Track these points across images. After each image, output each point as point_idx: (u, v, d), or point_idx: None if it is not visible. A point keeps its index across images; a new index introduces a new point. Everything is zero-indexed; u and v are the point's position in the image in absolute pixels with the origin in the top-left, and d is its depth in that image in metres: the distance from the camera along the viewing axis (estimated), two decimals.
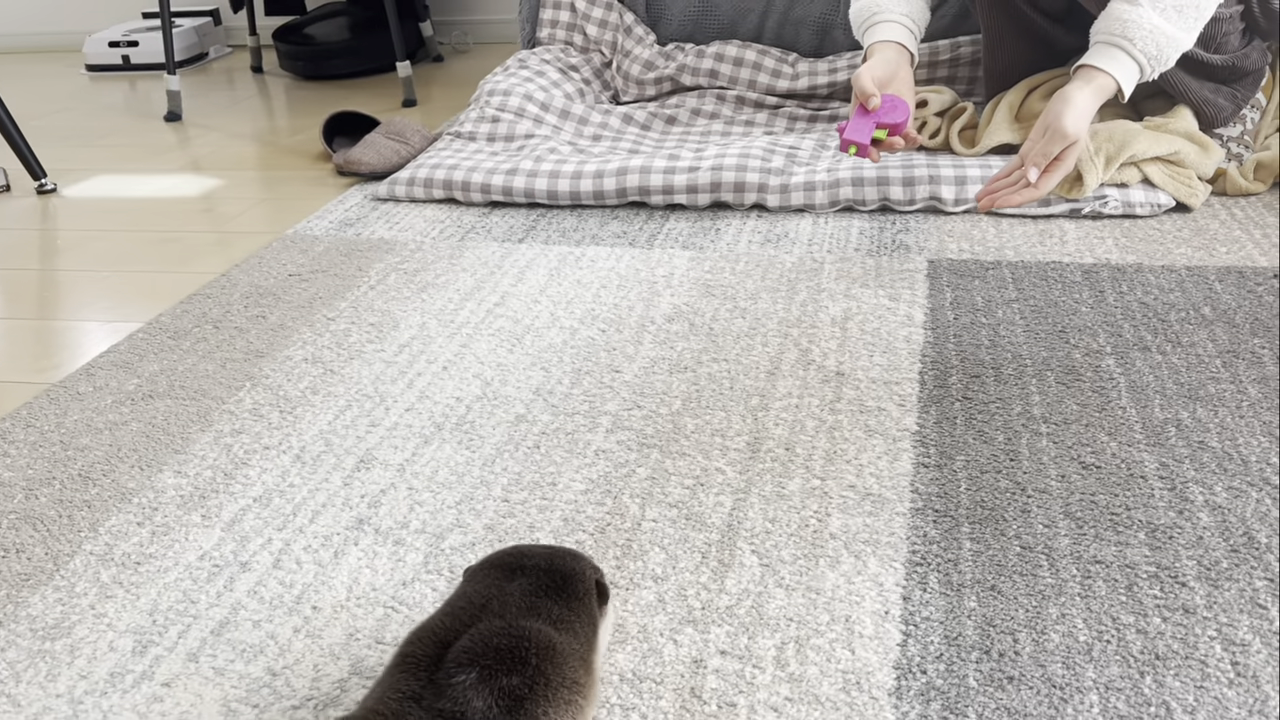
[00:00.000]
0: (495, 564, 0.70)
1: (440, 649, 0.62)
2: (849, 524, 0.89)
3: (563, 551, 0.72)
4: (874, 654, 0.75)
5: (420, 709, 0.59)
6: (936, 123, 1.72)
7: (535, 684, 0.60)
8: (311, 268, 1.51)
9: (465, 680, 0.59)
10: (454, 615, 0.65)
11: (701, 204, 1.67)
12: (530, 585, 0.68)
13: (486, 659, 0.60)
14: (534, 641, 0.62)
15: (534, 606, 0.66)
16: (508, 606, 0.65)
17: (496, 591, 0.67)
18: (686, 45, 2.12)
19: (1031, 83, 1.68)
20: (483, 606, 0.65)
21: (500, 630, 0.62)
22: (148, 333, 1.33)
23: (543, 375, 1.18)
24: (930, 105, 1.72)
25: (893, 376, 1.13)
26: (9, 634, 0.82)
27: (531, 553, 0.71)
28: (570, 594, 0.68)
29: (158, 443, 1.08)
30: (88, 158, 2.23)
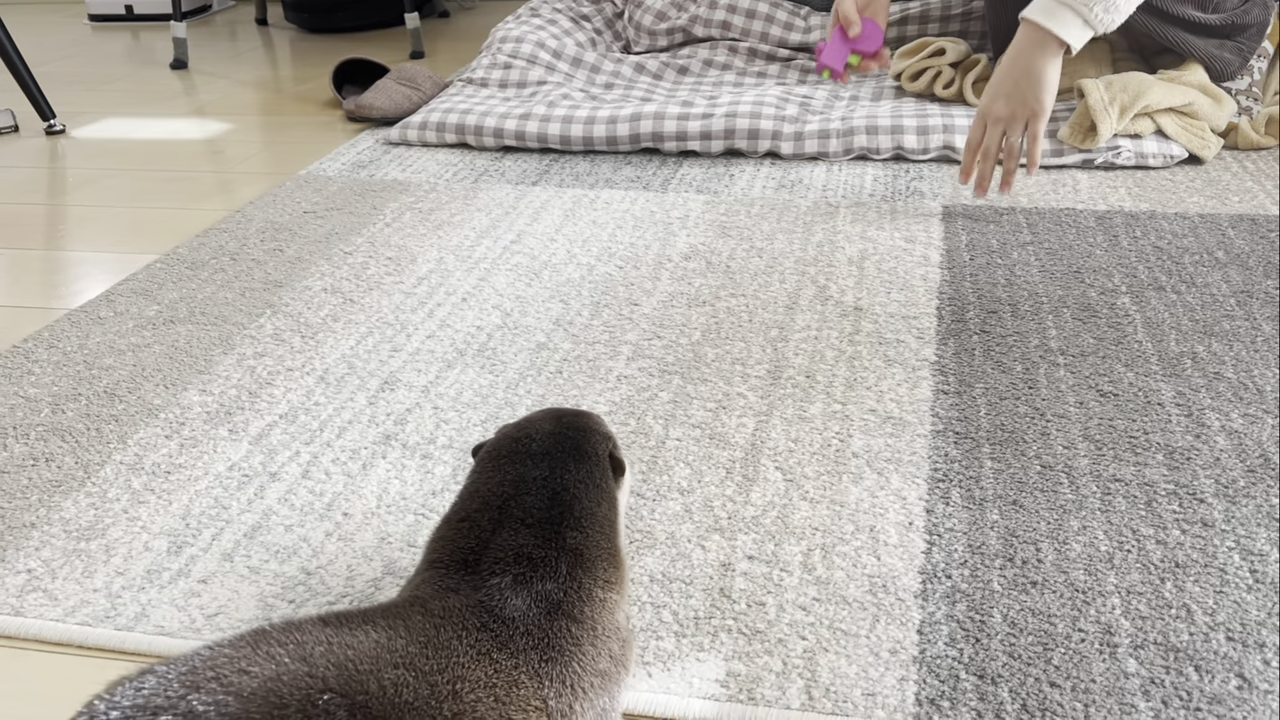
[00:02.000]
0: (506, 454, 0.68)
1: (468, 554, 0.62)
2: (870, 444, 0.91)
3: (571, 427, 0.70)
4: (899, 560, 0.77)
5: (460, 598, 0.60)
6: (950, 73, 1.72)
7: (569, 588, 0.61)
8: (326, 206, 1.51)
9: (502, 582, 0.60)
10: (474, 521, 0.64)
11: (715, 151, 1.67)
12: (547, 475, 0.66)
13: (520, 567, 0.61)
14: (562, 549, 0.62)
15: (555, 502, 0.65)
16: (529, 509, 0.64)
17: (513, 490, 0.65)
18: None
19: None
20: (501, 508, 0.64)
21: (529, 541, 0.63)
22: (165, 264, 1.33)
23: (562, 307, 1.18)
24: (946, 55, 1.72)
25: (910, 311, 1.14)
26: (43, 535, 0.82)
27: (539, 434, 0.69)
28: (587, 478, 0.67)
29: (181, 364, 1.08)
30: (95, 101, 2.22)
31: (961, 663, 0.67)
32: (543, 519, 0.63)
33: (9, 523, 0.84)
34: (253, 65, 2.52)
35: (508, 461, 0.67)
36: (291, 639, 0.52)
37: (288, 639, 0.52)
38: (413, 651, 0.53)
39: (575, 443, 0.69)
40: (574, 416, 0.72)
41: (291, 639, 0.52)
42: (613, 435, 0.72)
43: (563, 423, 0.71)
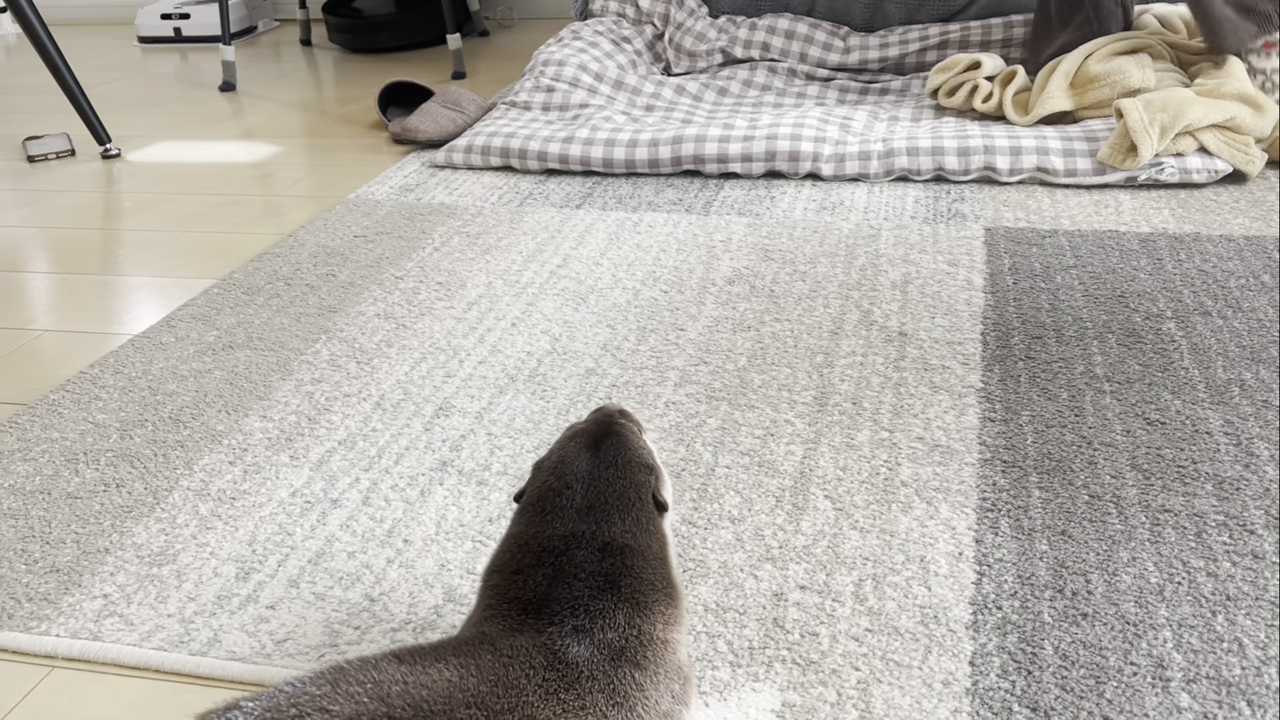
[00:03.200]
0: (551, 508, 0.67)
1: (526, 605, 0.62)
2: (919, 472, 0.92)
3: (610, 464, 0.68)
4: (950, 591, 0.78)
5: (526, 638, 0.60)
6: (988, 87, 1.73)
7: (629, 635, 0.61)
8: (376, 230, 1.55)
9: (563, 630, 0.60)
10: (529, 575, 0.64)
11: (756, 173, 1.69)
12: (595, 530, 0.65)
13: (579, 618, 0.61)
14: (619, 598, 0.63)
15: (606, 554, 0.64)
16: (581, 564, 0.64)
17: (563, 545, 0.65)
18: (738, 18, 2.13)
19: (1086, 50, 1.69)
20: (555, 565, 0.63)
21: (584, 594, 0.62)
22: (222, 289, 1.37)
23: (609, 332, 1.21)
24: (982, 68, 1.73)
25: (955, 337, 1.15)
26: (117, 560, 0.86)
27: (579, 478, 0.67)
28: (634, 525, 0.66)
29: (241, 389, 1.11)
30: (147, 125, 2.27)
31: (1014, 695, 0.69)
32: (595, 571, 0.63)
33: (84, 547, 0.87)
34: (297, 86, 2.57)
35: (553, 517, 0.66)
36: (369, 677, 0.54)
37: (365, 677, 0.54)
38: (484, 691, 0.54)
39: (618, 488, 0.67)
40: (611, 445, 0.69)
41: (369, 677, 0.54)
42: (653, 461, 0.70)
43: (601, 458, 0.68)
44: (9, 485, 0.96)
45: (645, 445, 0.71)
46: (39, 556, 0.86)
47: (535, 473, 0.70)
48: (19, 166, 2.00)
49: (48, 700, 0.73)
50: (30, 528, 0.90)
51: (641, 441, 0.71)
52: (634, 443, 0.70)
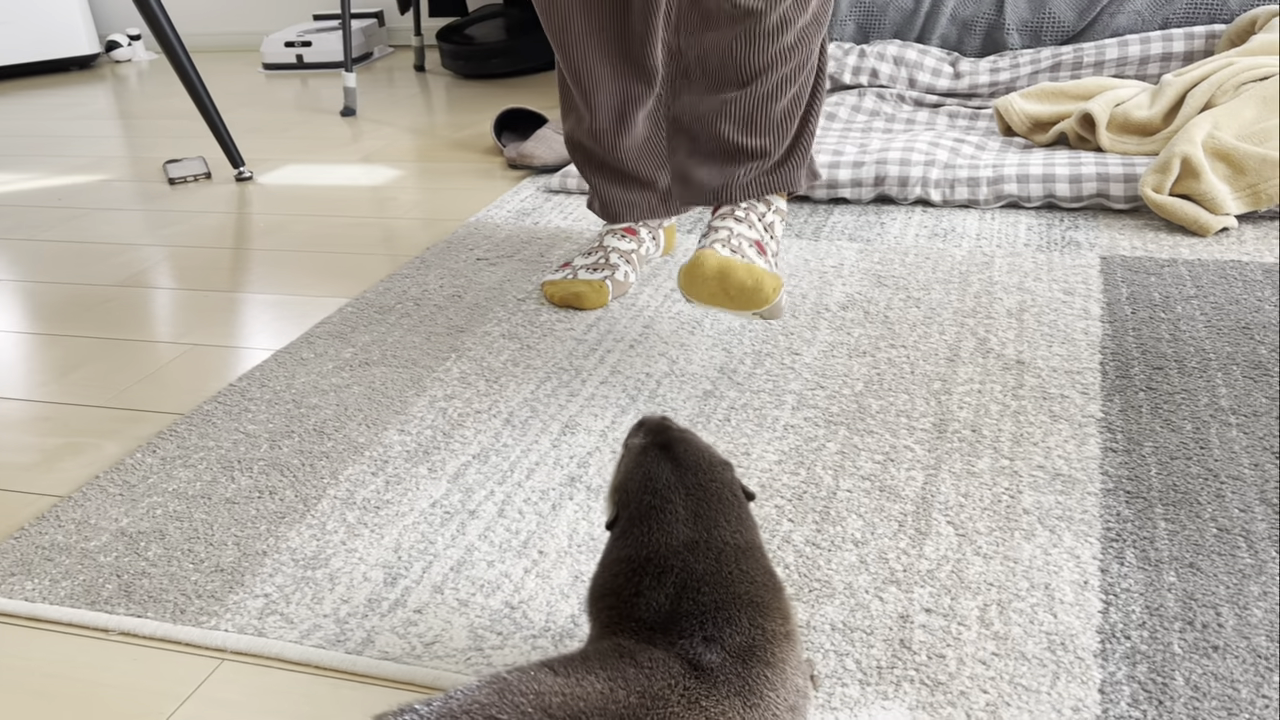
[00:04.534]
0: (656, 525, 0.68)
1: (654, 625, 0.64)
2: (1041, 500, 0.93)
3: (692, 468, 0.69)
4: (1076, 619, 0.79)
5: (661, 651, 0.63)
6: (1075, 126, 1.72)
7: (756, 636, 0.64)
8: (497, 253, 1.61)
9: (694, 641, 0.63)
10: (649, 597, 0.65)
11: (865, 198, 1.71)
12: (706, 538, 0.67)
13: (707, 628, 0.63)
14: (740, 603, 0.65)
15: (721, 561, 0.66)
16: (701, 576, 0.66)
17: (679, 561, 0.66)
18: (847, 44, 2.16)
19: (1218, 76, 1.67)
20: (676, 583, 0.65)
21: (709, 604, 0.65)
22: (355, 308, 1.44)
23: (725, 355, 1.24)
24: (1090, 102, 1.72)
25: (1073, 366, 1.15)
26: (274, 563, 0.92)
27: (669, 487, 0.69)
28: (737, 522, 0.69)
29: (379, 404, 1.18)
30: (275, 148, 2.39)
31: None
32: (715, 580, 0.65)
33: (244, 550, 0.94)
34: (413, 112, 2.67)
35: (663, 532, 0.67)
36: (530, 688, 0.57)
37: (527, 688, 0.57)
38: (633, 703, 0.58)
39: (713, 490, 0.69)
40: (683, 451, 0.71)
41: (530, 688, 0.57)
42: (724, 458, 0.72)
43: (682, 466, 0.70)
44: (173, 490, 1.04)
45: (706, 442, 0.73)
46: (204, 557, 0.93)
47: (622, 496, 0.71)
48: (161, 189, 2.13)
49: (220, 690, 0.79)
50: (195, 530, 0.97)
51: (701, 439, 0.73)
52: (700, 443, 0.72)
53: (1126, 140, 1.70)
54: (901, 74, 2.07)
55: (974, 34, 2.09)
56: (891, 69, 2.07)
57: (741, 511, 0.69)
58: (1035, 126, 1.80)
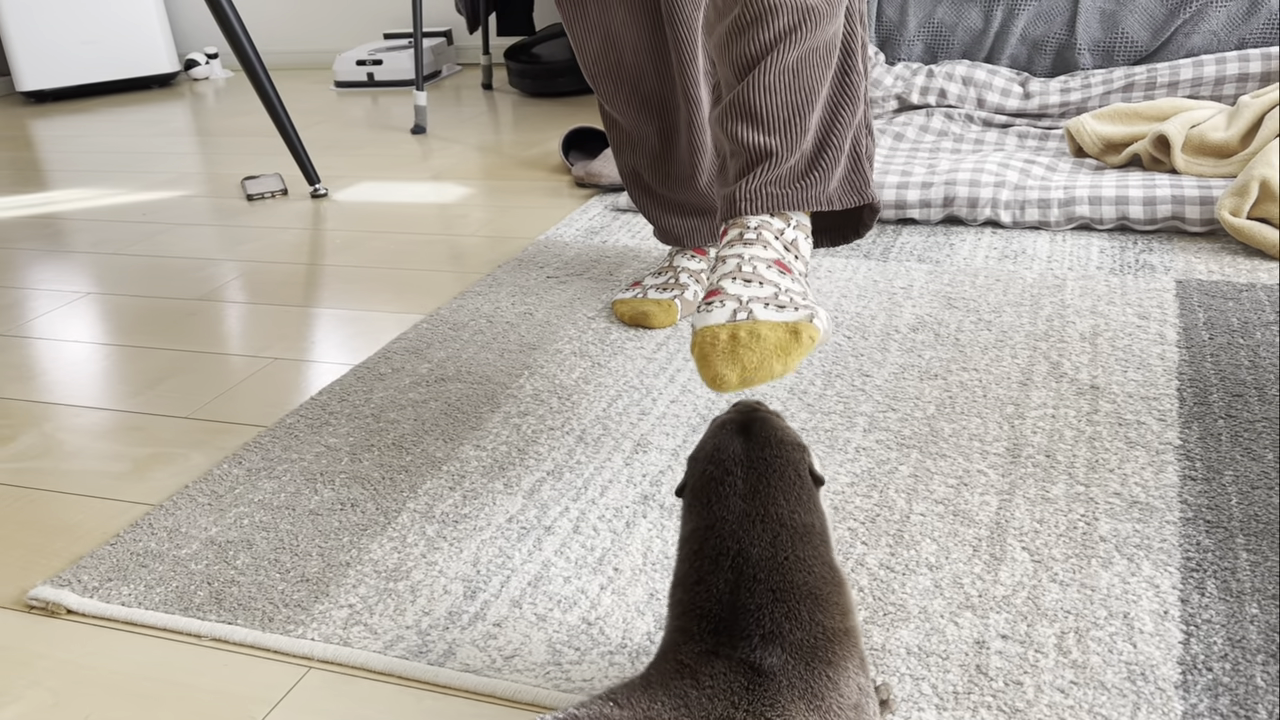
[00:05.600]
0: (715, 496, 0.68)
1: (715, 620, 0.65)
2: (1118, 528, 0.92)
3: (763, 442, 0.69)
4: (1156, 649, 0.79)
5: (722, 661, 0.64)
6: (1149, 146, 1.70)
7: (815, 632, 0.65)
8: (566, 271, 1.64)
9: (754, 641, 0.64)
10: (709, 584, 0.66)
11: (934, 219, 1.71)
12: (762, 514, 0.67)
13: (765, 624, 0.64)
14: (799, 595, 0.65)
15: (778, 546, 0.67)
16: (758, 563, 0.66)
17: (735, 544, 0.67)
18: (915, 64, 2.15)
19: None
20: (733, 567, 0.66)
21: (766, 596, 0.65)
22: (430, 324, 1.48)
23: (795, 376, 1.25)
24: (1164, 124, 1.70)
25: (1149, 392, 1.14)
26: (357, 574, 0.95)
27: (735, 460, 0.69)
28: (798, 503, 0.68)
29: (455, 420, 1.20)
30: (348, 166, 2.45)
31: None
32: (772, 567, 0.65)
33: (328, 561, 0.97)
34: (481, 130, 2.72)
35: (718, 505, 0.68)
36: None
37: None
38: None
39: (777, 467, 0.68)
40: (759, 427, 0.71)
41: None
42: (801, 440, 0.71)
43: (754, 441, 0.70)
44: (258, 500, 1.07)
45: (788, 425, 0.73)
46: (290, 567, 0.96)
47: (691, 464, 0.72)
48: (239, 205, 2.20)
49: (309, 697, 0.81)
50: (280, 540, 1.00)
51: (785, 422, 0.73)
52: (780, 424, 0.72)
53: (1202, 162, 1.67)
54: (970, 94, 2.06)
55: (1044, 54, 2.08)
56: (960, 89, 2.07)
57: (803, 492, 0.68)
58: (1108, 148, 1.78)
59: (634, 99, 1.32)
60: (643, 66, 1.29)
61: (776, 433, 0.71)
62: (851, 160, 1.11)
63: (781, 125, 1.04)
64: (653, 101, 1.32)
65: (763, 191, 1.04)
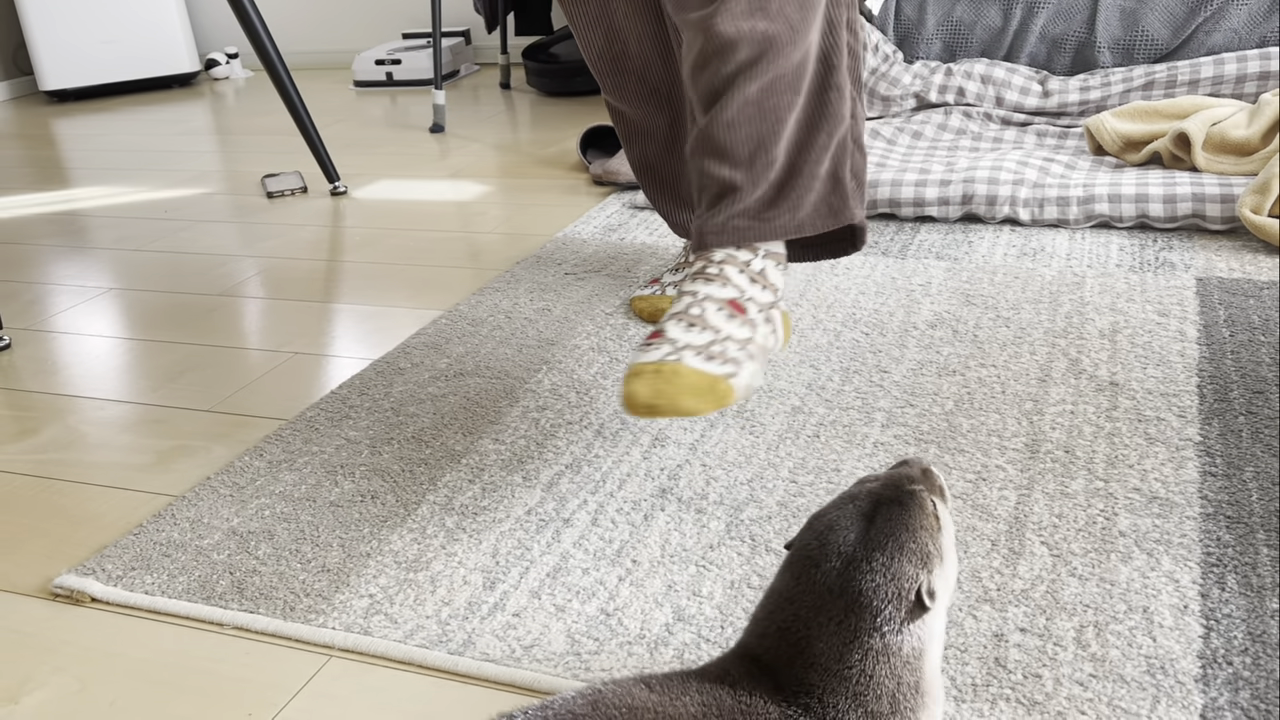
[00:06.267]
0: (807, 577, 0.64)
1: (768, 664, 0.64)
2: (1138, 524, 0.92)
3: (881, 541, 0.64)
4: (1176, 643, 0.78)
5: (760, 695, 0.63)
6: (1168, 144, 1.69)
7: (897, 706, 0.63)
8: (584, 268, 1.64)
9: (795, 709, 0.62)
10: (769, 642, 0.63)
11: (952, 216, 1.70)
12: (843, 620, 0.62)
13: (812, 703, 0.61)
14: (855, 698, 0.62)
15: (847, 652, 0.62)
16: (820, 655, 0.62)
17: (806, 628, 0.63)
18: (934, 63, 2.15)
19: None
20: (798, 645, 0.63)
21: (822, 685, 0.62)
22: (449, 319, 1.48)
23: (813, 372, 1.25)
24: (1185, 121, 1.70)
25: (1169, 389, 1.14)
26: (378, 564, 0.95)
27: (844, 549, 0.64)
28: (888, 619, 0.62)
29: (474, 414, 1.21)
30: (367, 164, 2.46)
31: None
32: (834, 665, 0.62)
33: (349, 551, 0.97)
34: (499, 129, 2.73)
35: (807, 587, 0.64)
36: (624, 702, 0.59)
37: (620, 702, 0.59)
38: None
39: (879, 578, 0.63)
40: (888, 521, 0.64)
41: (624, 702, 0.59)
42: (932, 548, 0.64)
43: (873, 536, 0.64)
44: (279, 492, 1.08)
45: (931, 524, 0.66)
46: (311, 557, 0.97)
47: (808, 526, 0.67)
48: (259, 202, 2.21)
49: (329, 685, 0.82)
50: (301, 531, 1.01)
51: (929, 519, 0.65)
52: (916, 521, 0.65)
53: (1223, 160, 1.67)
54: (989, 92, 2.06)
55: (1064, 52, 2.07)
56: (979, 87, 2.06)
57: (897, 612, 0.62)
58: (1128, 146, 1.78)
59: (642, 90, 1.32)
60: (648, 57, 1.29)
61: (901, 535, 0.64)
62: (830, 182, 1.09)
63: (747, 158, 1.03)
64: (661, 91, 1.32)
65: (728, 226, 1.04)
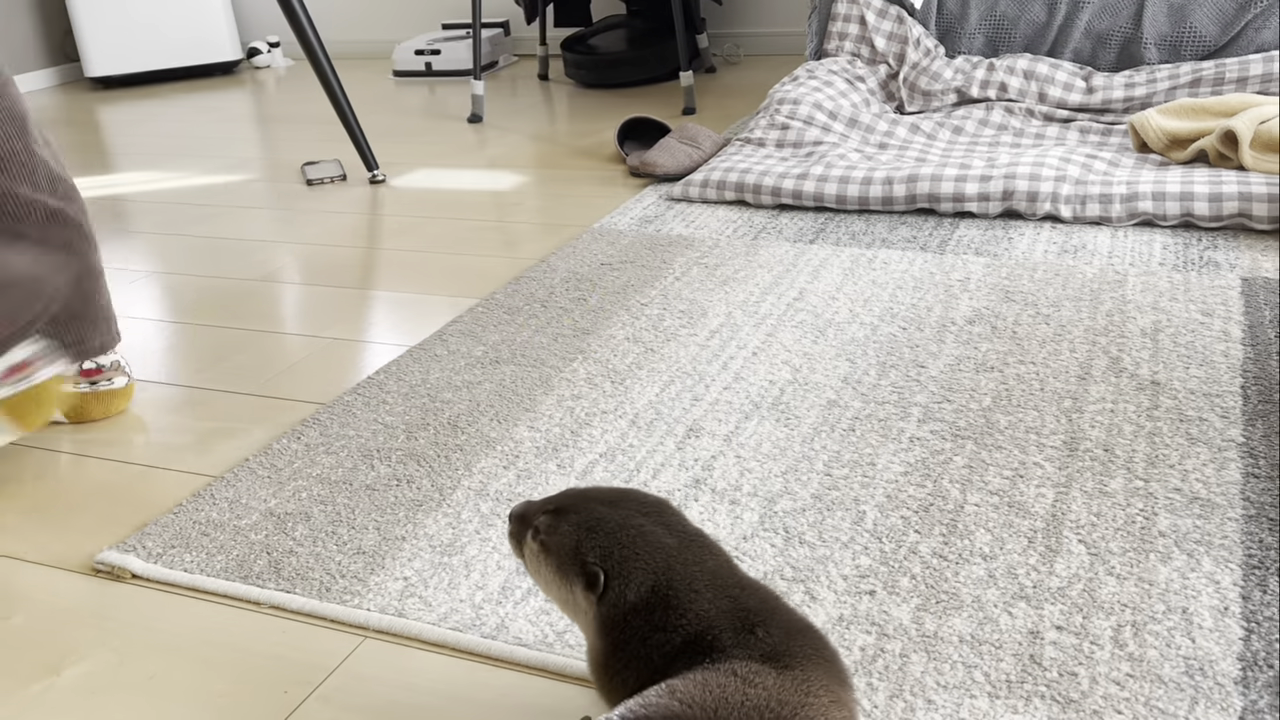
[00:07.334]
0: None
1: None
2: (1178, 524, 0.91)
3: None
4: (1215, 645, 0.77)
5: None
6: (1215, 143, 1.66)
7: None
8: (620, 259, 1.64)
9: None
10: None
11: (993, 212, 1.69)
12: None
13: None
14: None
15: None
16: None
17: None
18: (975, 58, 2.13)
19: None
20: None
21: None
22: (485, 308, 1.49)
23: (849, 366, 1.24)
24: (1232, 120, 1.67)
25: (1212, 389, 1.12)
26: (413, 548, 0.96)
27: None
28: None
29: (509, 401, 1.22)
30: (405, 153, 2.48)
31: None
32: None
33: (384, 534, 0.98)
34: (535, 119, 2.74)
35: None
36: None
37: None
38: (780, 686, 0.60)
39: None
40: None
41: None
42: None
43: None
44: (316, 475, 1.09)
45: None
46: (347, 539, 0.98)
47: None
48: (299, 189, 2.23)
49: (364, 665, 0.83)
50: (337, 513, 1.02)
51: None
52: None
53: (1271, 158, 1.64)
54: (1031, 88, 2.04)
55: (1109, 48, 2.05)
56: (1021, 83, 2.04)
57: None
58: (1173, 143, 1.75)
59: None
60: None
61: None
62: None
63: None
64: None
65: None
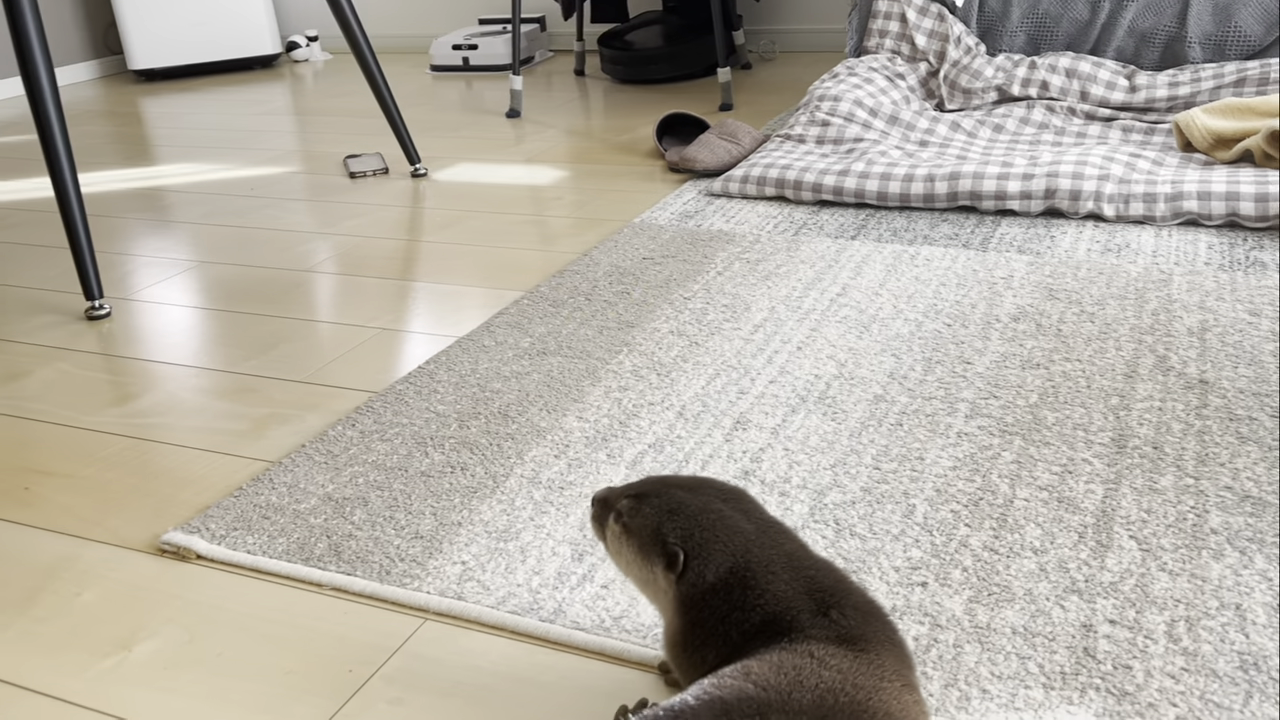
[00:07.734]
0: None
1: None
2: (1230, 521, 0.91)
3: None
4: (1269, 641, 0.78)
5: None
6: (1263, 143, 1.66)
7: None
8: (662, 253, 1.66)
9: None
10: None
11: (1034, 211, 1.69)
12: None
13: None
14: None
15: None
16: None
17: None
18: (1017, 56, 2.13)
19: None
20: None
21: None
22: (530, 300, 1.51)
23: (894, 361, 1.25)
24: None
25: (1262, 389, 1.12)
26: (469, 533, 0.98)
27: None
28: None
29: (558, 392, 1.23)
30: (445, 147, 2.50)
31: None
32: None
33: (441, 520, 1.00)
34: (572, 114, 2.75)
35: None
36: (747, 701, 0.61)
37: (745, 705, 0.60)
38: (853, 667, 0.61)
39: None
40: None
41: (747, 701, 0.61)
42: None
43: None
44: (372, 461, 1.11)
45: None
46: (404, 524, 1.00)
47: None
48: (342, 182, 2.26)
49: (424, 647, 0.85)
50: (394, 499, 1.04)
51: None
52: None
53: None
54: (1073, 86, 2.03)
55: (1152, 47, 2.04)
56: (1063, 81, 2.04)
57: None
58: (1218, 143, 1.74)
59: None
60: None
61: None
62: None
63: None
64: None
65: None
